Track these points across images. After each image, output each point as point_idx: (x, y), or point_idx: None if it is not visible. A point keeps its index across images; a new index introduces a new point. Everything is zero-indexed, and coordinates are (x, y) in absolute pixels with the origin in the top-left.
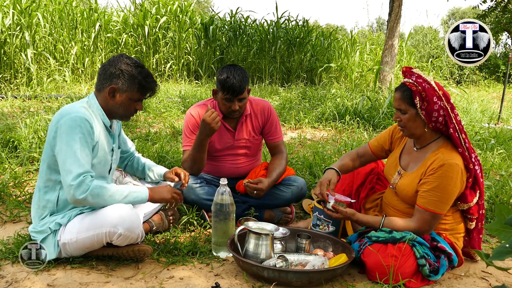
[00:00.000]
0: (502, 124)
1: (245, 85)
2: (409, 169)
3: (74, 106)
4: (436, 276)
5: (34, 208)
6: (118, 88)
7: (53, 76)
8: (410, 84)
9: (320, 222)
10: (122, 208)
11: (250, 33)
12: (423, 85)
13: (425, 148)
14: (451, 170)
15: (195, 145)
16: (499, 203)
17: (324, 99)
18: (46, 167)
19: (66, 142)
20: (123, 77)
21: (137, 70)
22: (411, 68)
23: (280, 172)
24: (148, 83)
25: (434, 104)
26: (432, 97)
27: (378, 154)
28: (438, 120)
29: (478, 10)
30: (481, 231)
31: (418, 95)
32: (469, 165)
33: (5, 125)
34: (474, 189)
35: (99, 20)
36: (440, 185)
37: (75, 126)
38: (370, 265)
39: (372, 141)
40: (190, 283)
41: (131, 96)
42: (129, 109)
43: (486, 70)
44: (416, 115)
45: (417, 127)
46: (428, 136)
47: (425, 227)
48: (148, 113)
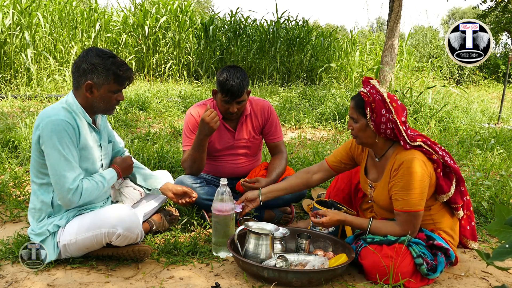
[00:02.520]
0: (502, 124)
1: (244, 88)
2: (378, 179)
3: (53, 108)
4: (434, 274)
5: (31, 211)
6: (94, 82)
7: (53, 76)
8: (363, 94)
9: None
10: (121, 208)
11: (250, 33)
12: (374, 96)
13: (384, 156)
14: (411, 165)
15: (194, 145)
16: (499, 203)
17: (324, 99)
18: (36, 172)
19: (52, 146)
20: (97, 71)
21: (109, 61)
22: (370, 78)
23: (280, 172)
24: (124, 71)
25: (381, 117)
26: (380, 109)
27: (337, 169)
28: (386, 132)
29: (478, 10)
30: (472, 218)
31: (369, 105)
32: (432, 156)
33: (5, 125)
34: (449, 177)
35: (99, 20)
36: (406, 183)
37: (58, 130)
38: (367, 266)
39: (329, 157)
40: (190, 283)
41: (109, 88)
42: (110, 101)
43: (486, 70)
44: (366, 125)
45: (368, 137)
46: (383, 145)
47: (410, 229)
48: (148, 113)
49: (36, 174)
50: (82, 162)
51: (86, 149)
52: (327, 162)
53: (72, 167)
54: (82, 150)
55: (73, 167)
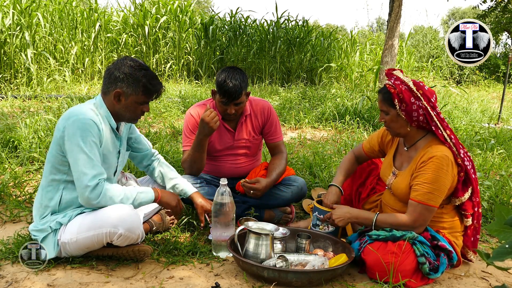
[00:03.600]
0: (502, 124)
1: (243, 90)
2: (403, 168)
3: (82, 108)
4: (435, 274)
5: (36, 207)
6: (123, 91)
7: (53, 76)
8: (389, 86)
9: (320, 222)
10: (122, 208)
11: (250, 33)
12: (400, 87)
13: (414, 146)
14: (441, 161)
15: (194, 145)
16: (498, 204)
17: (324, 99)
18: (51, 167)
19: (77, 144)
20: (127, 81)
21: (141, 73)
22: (393, 69)
23: (280, 172)
24: (153, 85)
25: (412, 105)
26: (409, 98)
27: (370, 155)
28: (419, 119)
29: (478, 10)
30: (478, 231)
31: (397, 97)
32: (457, 159)
33: (5, 125)
34: (466, 185)
35: (99, 20)
36: (431, 177)
37: (84, 128)
38: (370, 263)
39: (364, 143)
40: (190, 283)
41: (136, 99)
42: (135, 112)
43: (486, 70)
44: (397, 116)
45: (400, 127)
46: (414, 135)
47: (419, 221)
48: (148, 113)
49: (51, 170)
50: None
51: (105, 153)
52: (362, 146)
53: (93, 165)
54: (102, 153)
55: (94, 165)
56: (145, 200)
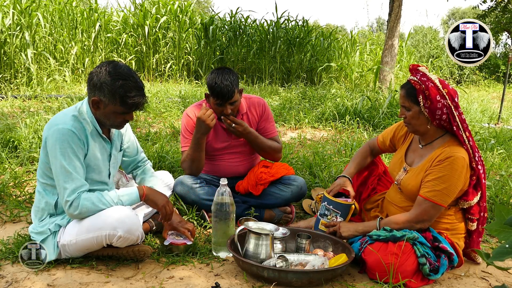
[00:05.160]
0: (502, 124)
1: (235, 89)
2: (415, 164)
3: (63, 116)
4: (436, 275)
5: (34, 209)
6: (101, 100)
7: (53, 76)
8: (414, 82)
9: (328, 212)
10: (122, 210)
11: (250, 33)
12: (427, 84)
13: (430, 145)
14: (457, 162)
15: (192, 145)
16: (498, 204)
17: (324, 99)
18: (42, 172)
19: (55, 157)
20: (104, 90)
21: (119, 83)
22: (418, 65)
23: (270, 144)
24: (131, 97)
25: (437, 103)
26: (435, 96)
27: (382, 149)
28: (442, 117)
29: (478, 10)
30: (481, 234)
31: (422, 93)
32: (472, 163)
33: (5, 125)
34: (476, 189)
35: (99, 20)
36: (444, 176)
37: (63, 140)
38: (370, 263)
39: (379, 135)
40: (190, 283)
41: (114, 109)
42: (115, 120)
43: (486, 70)
44: (419, 113)
45: (421, 124)
46: (433, 133)
47: (424, 217)
48: (148, 113)
49: (42, 175)
50: (88, 172)
51: (93, 159)
52: (377, 139)
53: (72, 179)
54: (89, 160)
55: (73, 179)
56: (128, 202)
